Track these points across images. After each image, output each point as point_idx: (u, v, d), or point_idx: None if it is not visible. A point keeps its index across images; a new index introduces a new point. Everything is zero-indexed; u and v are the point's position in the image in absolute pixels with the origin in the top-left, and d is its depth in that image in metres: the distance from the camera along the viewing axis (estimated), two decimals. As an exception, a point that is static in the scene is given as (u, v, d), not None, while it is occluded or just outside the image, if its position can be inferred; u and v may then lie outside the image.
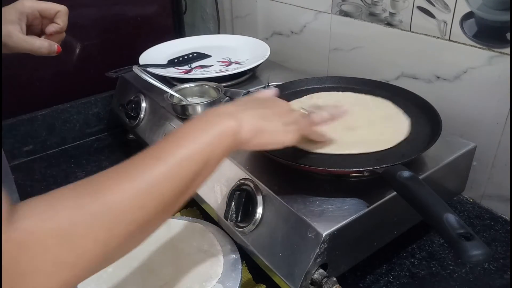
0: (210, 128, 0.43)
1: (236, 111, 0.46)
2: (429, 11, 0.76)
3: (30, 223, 0.30)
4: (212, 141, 0.42)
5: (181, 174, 0.39)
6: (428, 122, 0.66)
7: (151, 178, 0.37)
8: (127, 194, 0.35)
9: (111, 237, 0.34)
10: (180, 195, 0.40)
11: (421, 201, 0.47)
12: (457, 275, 0.63)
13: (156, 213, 0.38)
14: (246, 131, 0.45)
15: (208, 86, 0.84)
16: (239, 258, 0.61)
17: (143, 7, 1.19)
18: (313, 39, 1.03)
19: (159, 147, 0.40)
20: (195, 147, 0.40)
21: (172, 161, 0.38)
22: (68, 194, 0.34)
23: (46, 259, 0.31)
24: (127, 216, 0.35)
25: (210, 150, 0.41)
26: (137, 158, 0.38)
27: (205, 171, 0.42)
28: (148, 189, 0.36)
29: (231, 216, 0.60)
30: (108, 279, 0.58)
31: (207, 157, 0.41)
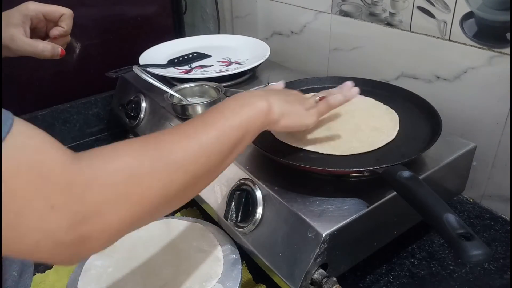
0: (248, 105, 0.48)
1: (266, 94, 0.51)
2: (429, 11, 0.76)
3: (98, 161, 0.34)
4: (249, 117, 0.47)
5: (226, 140, 0.44)
6: (428, 122, 0.66)
7: (204, 139, 0.42)
8: (184, 148, 0.40)
9: (171, 181, 0.38)
10: (224, 159, 0.45)
11: (421, 201, 0.47)
12: (457, 275, 0.63)
13: (206, 170, 0.42)
14: (275, 112, 0.50)
15: (208, 86, 0.84)
16: (239, 258, 0.61)
17: (143, 7, 1.19)
18: (313, 39, 1.03)
19: (209, 116, 0.45)
20: (237, 119, 0.46)
21: (219, 128, 0.44)
22: (132, 142, 0.38)
23: (116, 192, 0.33)
24: (184, 166, 0.39)
25: (248, 124, 0.47)
26: (191, 123, 0.44)
27: (242, 143, 0.47)
28: (201, 148, 0.41)
29: (231, 216, 0.60)
30: (108, 279, 0.58)
31: (245, 130, 0.46)
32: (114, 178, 0.34)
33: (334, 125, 0.66)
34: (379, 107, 0.71)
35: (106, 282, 0.58)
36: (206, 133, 0.43)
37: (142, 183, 0.35)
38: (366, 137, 0.63)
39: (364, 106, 0.71)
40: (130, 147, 0.37)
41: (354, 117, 0.68)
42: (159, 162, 0.37)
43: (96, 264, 0.60)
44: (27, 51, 0.63)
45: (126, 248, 0.63)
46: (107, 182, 0.33)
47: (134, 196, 0.35)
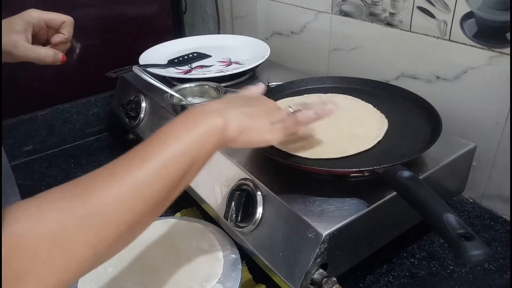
0: (196, 126, 0.43)
1: (222, 108, 0.46)
2: (429, 11, 0.76)
3: (21, 228, 0.31)
4: (198, 140, 0.42)
5: (168, 174, 0.39)
6: (428, 122, 0.66)
7: (138, 180, 0.37)
8: (115, 196, 0.35)
9: (101, 239, 0.34)
10: (169, 194, 0.40)
11: (421, 201, 0.47)
12: (457, 275, 0.63)
13: (145, 213, 0.38)
14: (232, 129, 0.45)
15: (208, 86, 0.84)
16: (239, 258, 0.61)
17: (143, 7, 1.19)
18: (313, 39, 1.03)
19: (145, 147, 0.40)
20: (181, 146, 0.40)
21: (158, 162, 0.38)
22: (56, 197, 0.34)
23: (38, 262, 0.31)
24: (116, 219, 0.35)
25: (196, 148, 0.42)
26: (124, 159, 0.39)
27: (193, 170, 0.42)
28: (136, 191, 0.36)
29: (231, 216, 0.60)
30: (108, 279, 0.58)
31: (193, 156, 0.41)
32: (36, 247, 0.31)
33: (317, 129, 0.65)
34: (373, 115, 0.70)
35: (106, 282, 0.58)
36: (141, 171, 0.37)
37: (66, 250, 0.32)
38: (342, 144, 0.62)
39: (359, 114, 0.70)
40: (54, 206, 0.33)
41: (341, 122, 0.67)
42: (86, 223, 0.33)
43: (96, 264, 0.60)
44: (29, 57, 0.64)
45: (126, 248, 0.63)
46: (28, 253, 0.30)
47: (58, 265, 0.32)
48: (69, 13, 1.06)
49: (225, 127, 0.44)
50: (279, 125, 0.51)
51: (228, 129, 0.45)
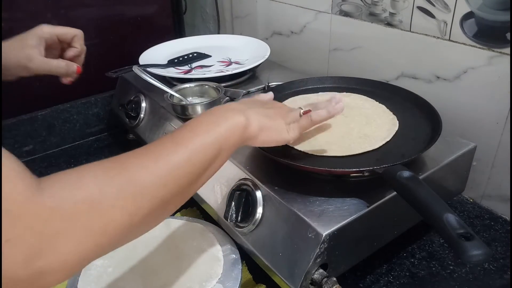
0: (222, 121, 0.46)
1: (243, 108, 0.49)
2: (429, 11, 0.76)
3: (61, 191, 0.33)
4: (224, 133, 0.45)
5: (198, 160, 0.42)
6: (428, 122, 0.66)
7: (173, 161, 0.40)
8: (151, 172, 0.38)
9: (137, 209, 0.36)
10: (196, 179, 0.43)
11: (421, 201, 0.47)
12: (457, 275, 0.63)
13: (176, 193, 0.40)
14: (253, 127, 0.49)
15: (208, 86, 0.84)
16: (239, 258, 0.61)
17: (143, 7, 1.19)
18: (313, 39, 1.03)
19: (179, 134, 0.43)
20: (210, 137, 0.44)
21: (190, 147, 0.42)
22: (96, 167, 0.37)
23: (77, 224, 0.32)
24: (151, 192, 0.38)
25: (222, 141, 0.45)
26: (160, 143, 0.42)
27: (218, 160, 0.45)
28: (170, 170, 0.39)
29: (231, 216, 0.60)
30: (108, 279, 0.58)
31: (219, 147, 0.44)
32: (75, 209, 0.32)
33: (327, 125, 0.67)
34: (385, 116, 0.70)
35: (106, 282, 0.58)
36: (175, 153, 0.40)
37: (105, 214, 0.34)
38: (349, 143, 0.62)
39: (371, 114, 0.70)
40: (93, 174, 0.35)
41: (352, 121, 0.68)
42: (124, 191, 0.36)
43: (96, 264, 0.60)
44: (43, 69, 0.68)
45: (126, 248, 0.63)
46: (68, 214, 0.32)
47: (96, 228, 0.34)
48: (69, 13, 1.07)
49: (247, 125, 0.48)
50: (294, 125, 0.55)
51: (249, 127, 0.48)
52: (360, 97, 0.75)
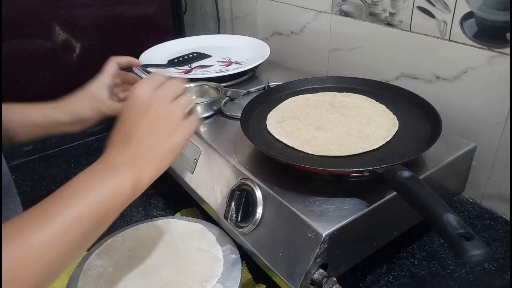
0: (106, 182, 0.41)
1: (135, 157, 0.44)
2: (429, 11, 0.76)
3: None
4: (108, 198, 0.41)
5: (68, 238, 0.37)
6: (428, 122, 0.66)
7: (37, 243, 0.35)
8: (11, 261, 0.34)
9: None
10: (78, 247, 0.39)
11: (421, 201, 0.47)
12: (457, 275, 0.63)
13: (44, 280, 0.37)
14: (146, 180, 0.44)
15: (208, 86, 0.84)
16: (239, 258, 0.61)
17: (143, 7, 1.19)
18: (313, 39, 1.03)
19: (49, 205, 0.38)
20: (85, 207, 0.39)
21: (64, 219, 0.37)
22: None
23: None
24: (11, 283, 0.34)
25: (105, 207, 0.40)
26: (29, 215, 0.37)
27: (101, 227, 0.41)
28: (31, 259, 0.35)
29: (231, 216, 0.60)
30: (108, 279, 0.58)
31: (101, 215, 0.40)
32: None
33: (327, 125, 0.67)
34: (385, 116, 0.69)
35: (106, 282, 0.57)
36: (39, 233, 0.35)
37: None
38: (349, 143, 0.62)
39: (371, 114, 0.70)
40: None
41: (352, 121, 0.68)
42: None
43: (96, 264, 0.60)
44: (115, 111, 0.69)
45: (126, 248, 0.63)
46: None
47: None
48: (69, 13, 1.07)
49: (138, 181, 0.43)
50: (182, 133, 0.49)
51: (141, 182, 0.44)
52: (360, 97, 0.75)
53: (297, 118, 0.70)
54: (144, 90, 0.48)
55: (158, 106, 0.47)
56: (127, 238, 0.65)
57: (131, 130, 0.47)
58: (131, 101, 0.48)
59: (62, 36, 1.09)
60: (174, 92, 0.49)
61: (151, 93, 0.48)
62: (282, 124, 0.68)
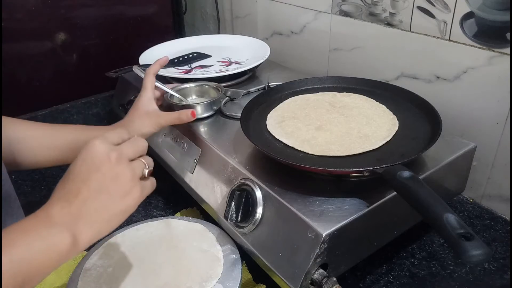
0: (36, 241, 0.37)
1: (76, 218, 0.41)
2: (429, 11, 0.76)
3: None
4: (35, 259, 0.37)
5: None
6: (428, 122, 0.66)
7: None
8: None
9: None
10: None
11: (421, 201, 0.47)
12: (457, 275, 0.63)
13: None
14: (84, 241, 0.41)
15: (208, 86, 0.84)
16: (239, 258, 0.61)
17: (143, 7, 1.19)
18: (313, 39, 1.03)
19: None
20: (10, 266, 0.35)
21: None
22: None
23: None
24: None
25: (31, 269, 0.36)
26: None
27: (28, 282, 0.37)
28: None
29: (231, 216, 0.60)
30: (108, 279, 0.58)
31: (22, 278, 0.36)
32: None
33: (327, 125, 0.67)
34: (385, 116, 0.69)
35: (106, 282, 0.58)
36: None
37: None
38: (349, 143, 0.62)
39: (371, 114, 0.70)
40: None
41: (352, 121, 0.68)
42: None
43: (96, 264, 0.60)
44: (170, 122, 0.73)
45: (126, 248, 0.63)
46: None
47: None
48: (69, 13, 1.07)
49: (75, 243, 0.40)
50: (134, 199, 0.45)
51: (78, 244, 0.40)
52: (360, 97, 0.75)
53: (297, 118, 0.70)
54: (102, 144, 0.44)
55: (114, 165, 0.43)
56: (127, 238, 0.65)
57: (78, 187, 0.42)
58: (84, 154, 0.44)
59: (62, 36, 1.09)
60: (135, 151, 0.47)
61: (109, 149, 0.44)
62: (282, 124, 0.68)
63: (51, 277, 0.65)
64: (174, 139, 0.78)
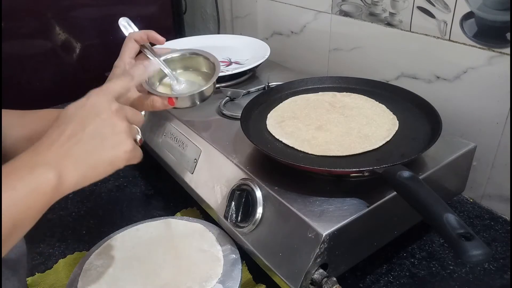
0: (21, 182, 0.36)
1: (63, 156, 0.40)
2: (429, 11, 0.76)
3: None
4: (21, 201, 0.36)
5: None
6: (428, 122, 0.66)
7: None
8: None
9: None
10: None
11: (421, 201, 0.47)
12: (457, 275, 0.63)
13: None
14: (70, 183, 0.40)
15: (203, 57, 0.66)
16: (239, 258, 0.61)
17: (143, 7, 1.19)
18: (313, 39, 1.03)
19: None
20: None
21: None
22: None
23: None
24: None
25: (19, 211, 0.36)
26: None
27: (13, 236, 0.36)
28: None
29: (231, 216, 0.60)
30: (108, 279, 0.58)
31: (14, 220, 0.35)
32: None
33: (327, 125, 0.67)
34: (385, 116, 0.69)
35: (106, 282, 0.57)
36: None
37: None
38: (349, 143, 0.62)
39: (371, 114, 0.70)
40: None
41: (352, 121, 0.68)
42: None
43: (96, 264, 0.60)
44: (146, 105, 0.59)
45: (126, 248, 0.63)
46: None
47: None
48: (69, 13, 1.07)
49: (60, 183, 0.39)
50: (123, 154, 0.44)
51: (63, 184, 0.39)
52: (360, 97, 0.75)
53: (297, 118, 0.70)
54: (104, 95, 0.45)
55: (113, 115, 0.44)
56: (127, 238, 0.65)
57: (73, 129, 0.42)
58: (83, 101, 0.45)
59: (62, 36, 1.09)
60: (133, 115, 0.47)
61: (111, 100, 0.45)
62: (282, 124, 0.68)
63: (51, 277, 0.65)
64: (174, 139, 0.78)
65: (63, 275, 0.65)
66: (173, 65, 0.66)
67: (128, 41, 0.64)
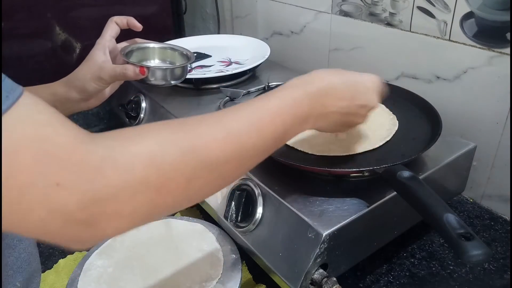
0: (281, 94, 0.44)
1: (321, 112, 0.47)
2: (429, 11, 0.76)
3: (116, 143, 0.32)
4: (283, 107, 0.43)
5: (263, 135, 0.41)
6: (428, 122, 0.66)
7: (235, 127, 0.38)
8: (219, 147, 0.36)
9: (195, 175, 0.35)
10: (259, 155, 0.42)
11: (421, 201, 0.47)
12: (457, 275, 0.63)
13: (236, 164, 0.39)
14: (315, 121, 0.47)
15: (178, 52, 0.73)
16: (239, 258, 0.61)
17: (143, 7, 1.19)
18: (313, 39, 1.03)
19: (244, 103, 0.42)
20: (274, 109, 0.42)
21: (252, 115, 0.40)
22: (161, 127, 0.36)
23: (132, 176, 0.31)
24: (213, 162, 0.36)
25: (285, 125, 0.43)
26: (231, 110, 0.41)
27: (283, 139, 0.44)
28: (237, 149, 0.38)
29: (231, 216, 0.60)
30: (108, 279, 0.58)
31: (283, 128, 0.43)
32: (131, 162, 0.31)
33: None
34: (385, 116, 0.70)
35: (106, 282, 0.58)
36: (236, 122, 0.39)
37: (163, 173, 0.32)
38: (349, 143, 0.62)
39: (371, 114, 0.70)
40: (156, 133, 0.34)
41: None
42: (186, 156, 0.34)
43: (96, 264, 0.60)
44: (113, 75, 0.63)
45: (126, 248, 0.63)
46: (122, 165, 0.30)
47: (152, 184, 0.32)
48: (69, 13, 1.07)
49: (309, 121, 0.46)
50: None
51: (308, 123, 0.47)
52: None
53: (297, 118, 0.69)
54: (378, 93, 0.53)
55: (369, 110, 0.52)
56: (127, 238, 0.65)
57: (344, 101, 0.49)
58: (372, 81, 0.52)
59: (62, 36, 1.09)
60: None
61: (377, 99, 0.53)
62: (282, 124, 0.68)
63: (51, 277, 0.65)
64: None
65: (63, 275, 0.65)
66: (152, 54, 0.74)
67: (110, 22, 0.69)
